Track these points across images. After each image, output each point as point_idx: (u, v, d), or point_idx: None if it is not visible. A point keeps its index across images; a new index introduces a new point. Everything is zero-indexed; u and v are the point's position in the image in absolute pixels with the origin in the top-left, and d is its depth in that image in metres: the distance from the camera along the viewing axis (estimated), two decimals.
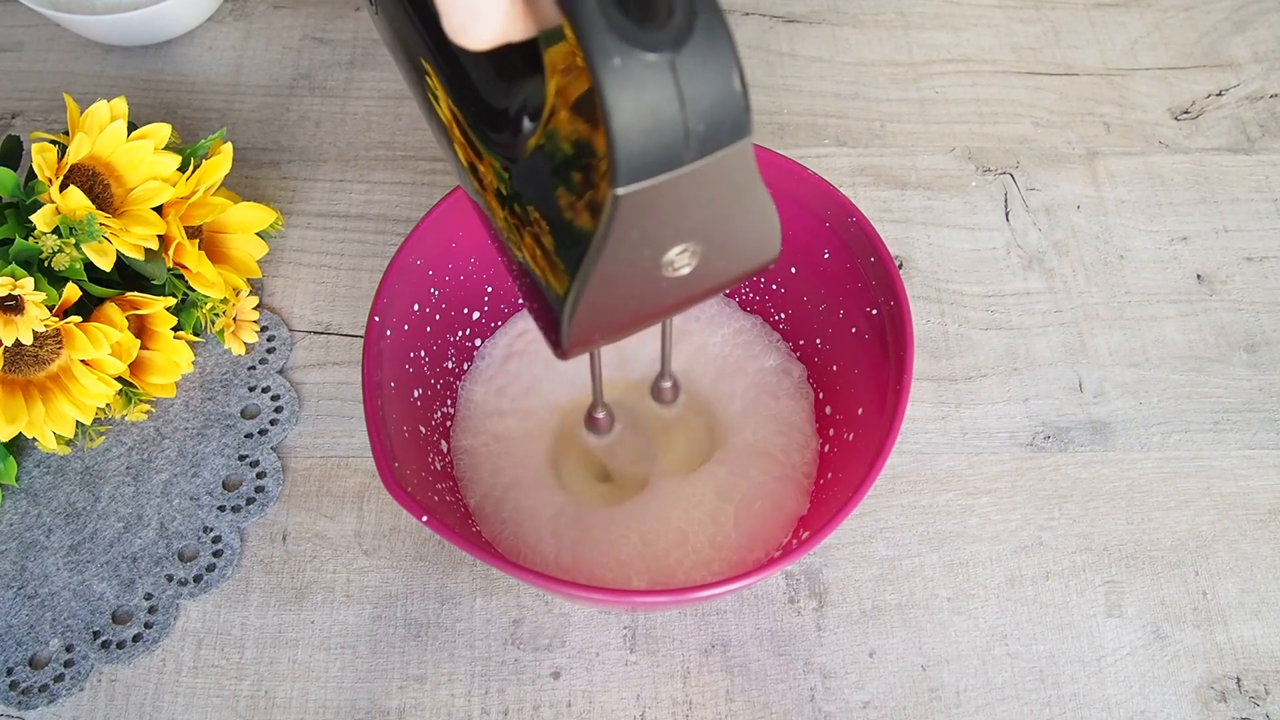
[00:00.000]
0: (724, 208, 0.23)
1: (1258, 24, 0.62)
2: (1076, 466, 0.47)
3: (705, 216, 0.23)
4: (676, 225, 0.23)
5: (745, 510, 0.44)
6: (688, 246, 0.24)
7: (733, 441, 0.45)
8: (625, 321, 0.27)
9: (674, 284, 0.25)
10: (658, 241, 0.23)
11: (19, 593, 0.43)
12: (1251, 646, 0.43)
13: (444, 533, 0.33)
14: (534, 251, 0.26)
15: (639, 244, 0.23)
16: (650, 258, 0.24)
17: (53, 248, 0.42)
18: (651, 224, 0.22)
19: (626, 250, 0.23)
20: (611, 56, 0.19)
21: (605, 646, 0.42)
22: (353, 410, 0.48)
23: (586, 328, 0.26)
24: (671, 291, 0.26)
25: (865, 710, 0.41)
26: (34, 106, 0.58)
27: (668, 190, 0.21)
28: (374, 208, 0.54)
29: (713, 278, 0.26)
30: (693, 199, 0.22)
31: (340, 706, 0.41)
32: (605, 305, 0.25)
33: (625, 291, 0.25)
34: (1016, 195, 0.55)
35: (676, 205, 0.22)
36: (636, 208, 0.21)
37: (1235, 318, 0.51)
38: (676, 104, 0.20)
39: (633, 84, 0.19)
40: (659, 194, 0.21)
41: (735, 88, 0.21)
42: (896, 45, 0.61)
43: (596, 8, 0.19)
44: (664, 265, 0.24)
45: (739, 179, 0.23)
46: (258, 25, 0.62)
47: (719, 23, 0.20)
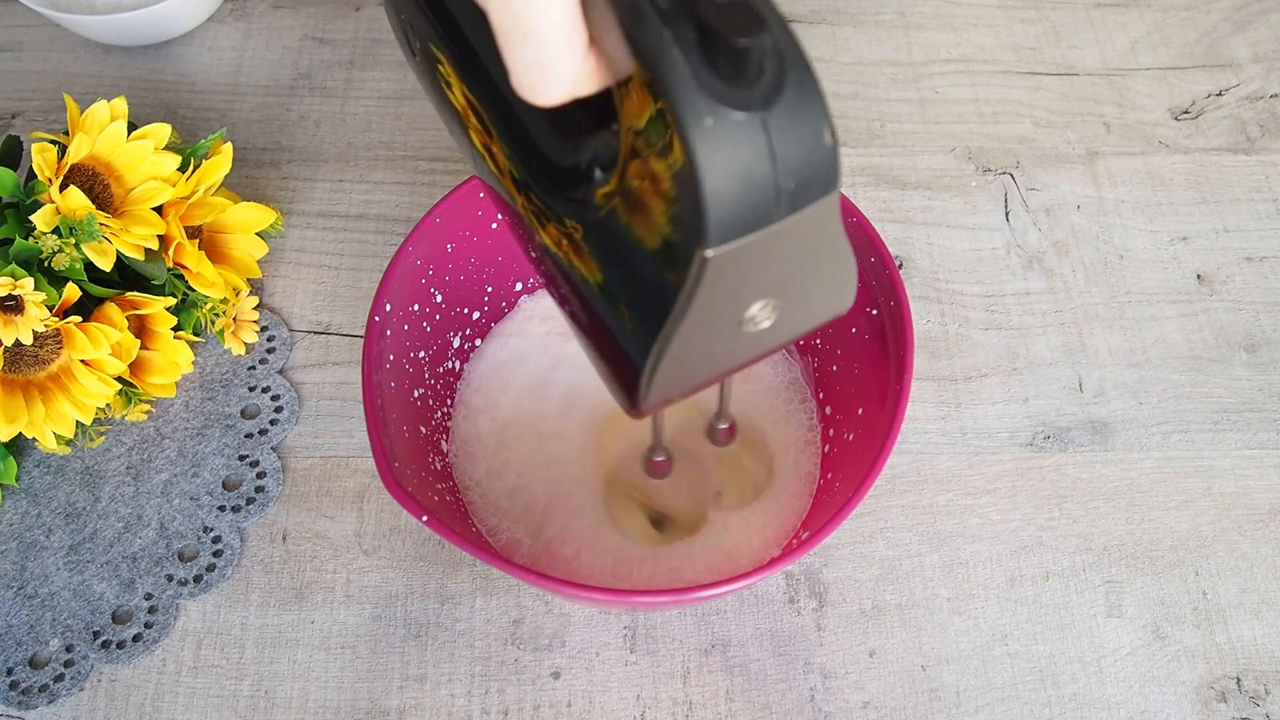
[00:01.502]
0: (807, 261, 0.23)
1: (1258, 24, 0.62)
2: (1076, 466, 0.47)
3: (789, 271, 0.23)
4: (760, 281, 0.22)
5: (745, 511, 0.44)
6: (769, 301, 0.23)
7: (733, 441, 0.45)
8: (702, 379, 0.26)
9: (751, 339, 0.24)
10: (740, 299, 0.23)
11: (19, 593, 0.43)
12: (1251, 646, 0.43)
13: (444, 533, 0.33)
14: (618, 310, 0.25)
15: (723, 303, 0.22)
16: (732, 315, 0.23)
17: (53, 248, 0.42)
18: (736, 282, 0.22)
19: (710, 310, 0.22)
20: (704, 117, 0.18)
21: (605, 646, 0.42)
22: (353, 410, 0.48)
23: (664, 387, 0.25)
24: (749, 346, 0.25)
25: (865, 710, 0.41)
26: (34, 106, 0.58)
27: (755, 249, 0.21)
28: (374, 208, 0.54)
29: (790, 330, 0.26)
30: (779, 255, 0.22)
31: (340, 706, 0.41)
32: (684, 364, 0.24)
33: (705, 349, 0.24)
34: (1016, 195, 0.55)
35: (762, 262, 0.21)
36: (723, 268, 0.21)
37: (1235, 318, 0.51)
38: (769, 163, 0.19)
39: (725, 144, 0.19)
40: (747, 253, 0.20)
41: (826, 143, 0.20)
42: (896, 45, 0.61)
43: (687, 67, 0.18)
44: (745, 321, 0.23)
45: (824, 232, 0.22)
46: (258, 25, 0.62)
47: (809, 78, 0.20)
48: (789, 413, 0.46)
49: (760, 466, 0.45)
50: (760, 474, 0.44)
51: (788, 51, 0.19)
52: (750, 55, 0.19)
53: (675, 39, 0.18)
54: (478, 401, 0.46)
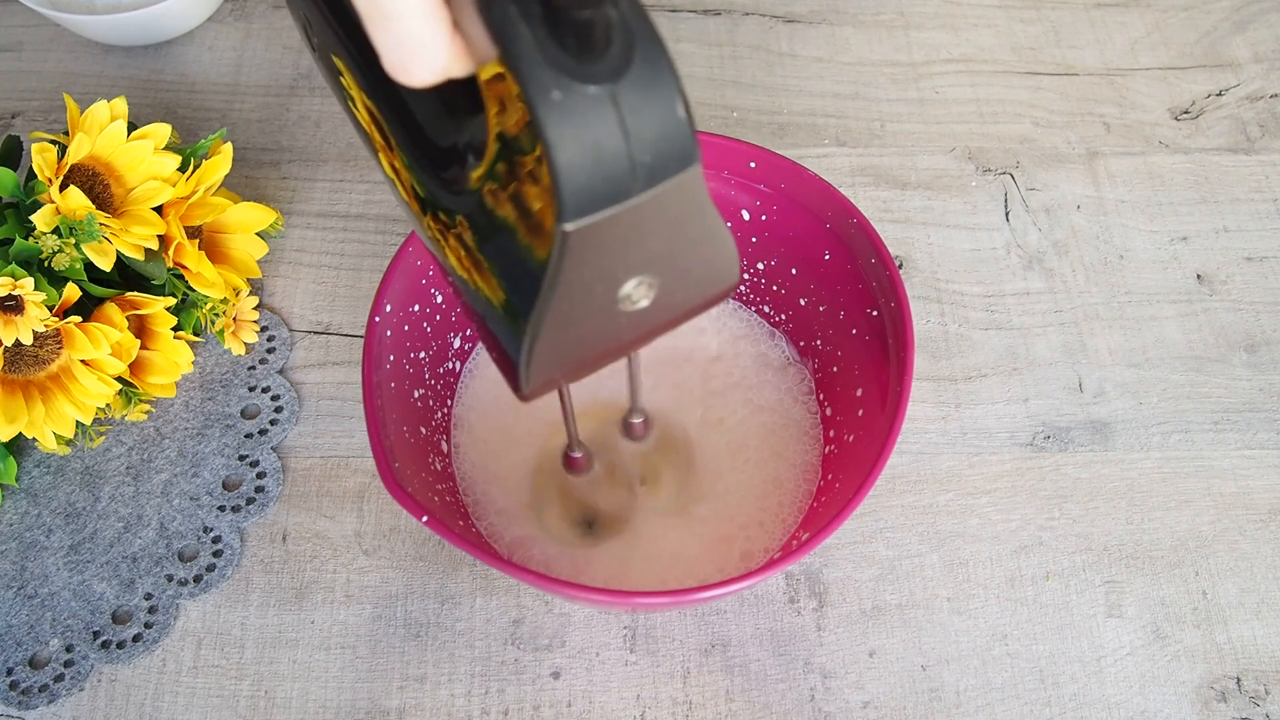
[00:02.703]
0: (677, 237, 0.23)
1: (1258, 24, 0.62)
2: (1076, 466, 0.47)
3: (658, 247, 0.23)
4: (629, 258, 0.23)
5: (745, 510, 0.44)
6: (643, 279, 0.23)
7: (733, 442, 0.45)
8: (586, 360, 0.26)
9: (632, 318, 0.25)
10: (611, 276, 0.23)
11: (19, 593, 0.43)
12: (1251, 646, 0.43)
13: (444, 533, 0.33)
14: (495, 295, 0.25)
15: (592, 280, 0.22)
16: (605, 293, 0.23)
17: (53, 248, 0.42)
18: (603, 258, 0.22)
19: (580, 287, 0.22)
20: (550, 90, 0.19)
21: (605, 646, 0.42)
22: (353, 410, 0.48)
23: (546, 369, 0.25)
24: (631, 326, 0.25)
25: (865, 710, 0.41)
26: (34, 106, 0.58)
27: (617, 223, 0.21)
28: (374, 208, 0.54)
29: (672, 309, 0.26)
30: (644, 231, 0.22)
31: (340, 706, 0.41)
32: (563, 344, 0.24)
33: (583, 329, 0.24)
34: (1016, 195, 0.55)
35: (628, 238, 0.22)
36: (586, 243, 0.21)
37: (1235, 318, 0.51)
38: (620, 136, 0.20)
39: (574, 118, 0.19)
40: (608, 228, 0.21)
41: (679, 115, 0.20)
42: (896, 45, 0.61)
43: (532, 41, 0.19)
44: (620, 299, 0.24)
45: (690, 207, 0.22)
46: (258, 25, 0.62)
47: (659, 51, 0.20)
48: (789, 413, 0.46)
49: (678, 468, 0.44)
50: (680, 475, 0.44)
51: (636, 25, 0.20)
52: (595, 28, 0.19)
53: (522, 14, 0.19)
54: (478, 402, 0.46)
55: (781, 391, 0.46)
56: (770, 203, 0.43)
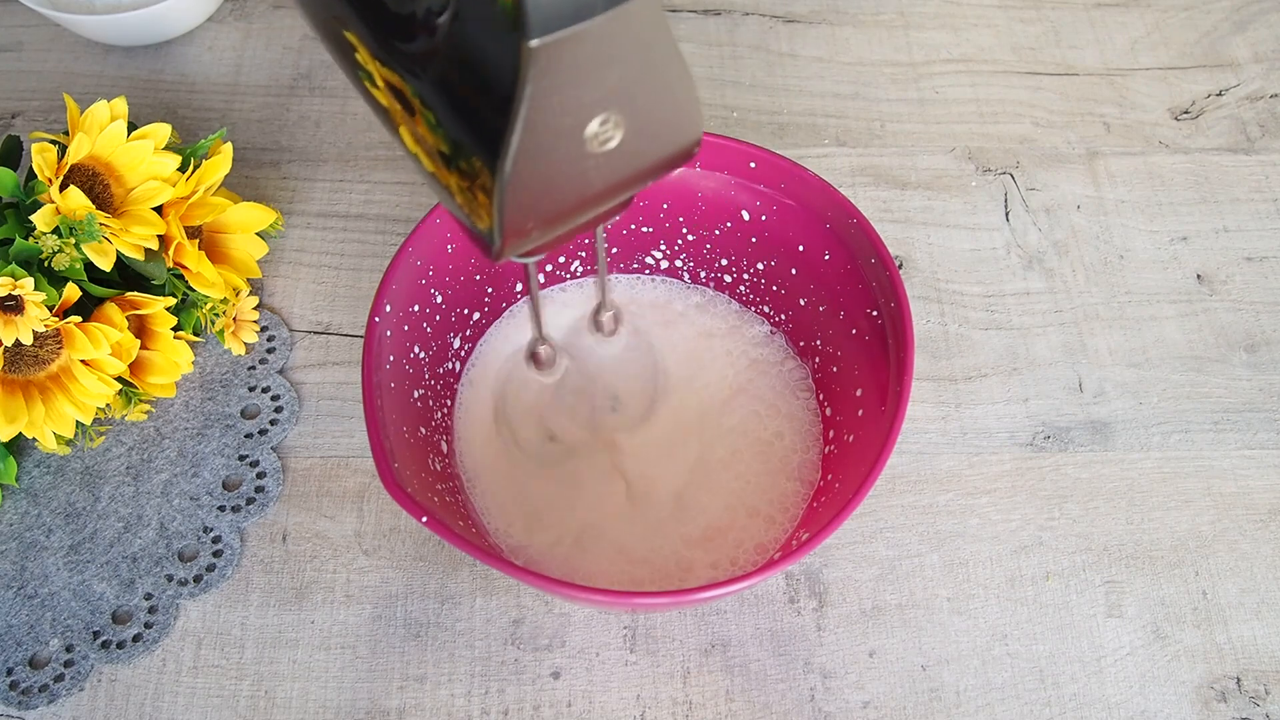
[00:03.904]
0: (641, 70, 0.23)
1: (1258, 24, 0.62)
2: (1076, 466, 0.47)
3: (623, 79, 0.23)
4: (595, 88, 0.23)
5: (746, 511, 0.44)
6: (610, 115, 0.24)
7: (733, 442, 0.45)
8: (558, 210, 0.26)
9: (601, 163, 0.25)
10: (577, 107, 0.23)
11: (19, 593, 0.43)
12: (1251, 646, 0.43)
13: (444, 533, 0.33)
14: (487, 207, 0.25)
15: (559, 110, 0.22)
16: (573, 127, 0.23)
17: (53, 248, 0.42)
18: (569, 85, 0.22)
19: (547, 116, 0.22)
20: None
21: (605, 646, 0.42)
22: (353, 410, 0.48)
23: (519, 215, 0.25)
24: (600, 173, 0.25)
25: (865, 710, 0.41)
26: (34, 106, 0.58)
27: (582, 44, 0.21)
28: (374, 208, 0.54)
29: (640, 158, 0.26)
30: (608, 56, 0.22)
31: (340, 706, 0.41)
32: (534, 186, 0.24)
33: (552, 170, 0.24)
34: (1016, 195, 0.55)
35: (592, 63, 0.22)
36: (551, 63, 0.21)
37: (1235, 318, 0.51)
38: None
39: None
40: (573, 47, 0.21)
41: None
42: (896, 45, 0.61)
43: None
44: (589, 139, 0.24)
45: (652, 35, 0.23)
46: (258, 25, 0.62)
47: None
48: (789, 414, 0.46)
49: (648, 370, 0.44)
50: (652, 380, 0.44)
51: None
52: None
53: None
54: (477, 402, 0.46)
55: (781, 392, 0.46)
56: (770, 203, 0.43)
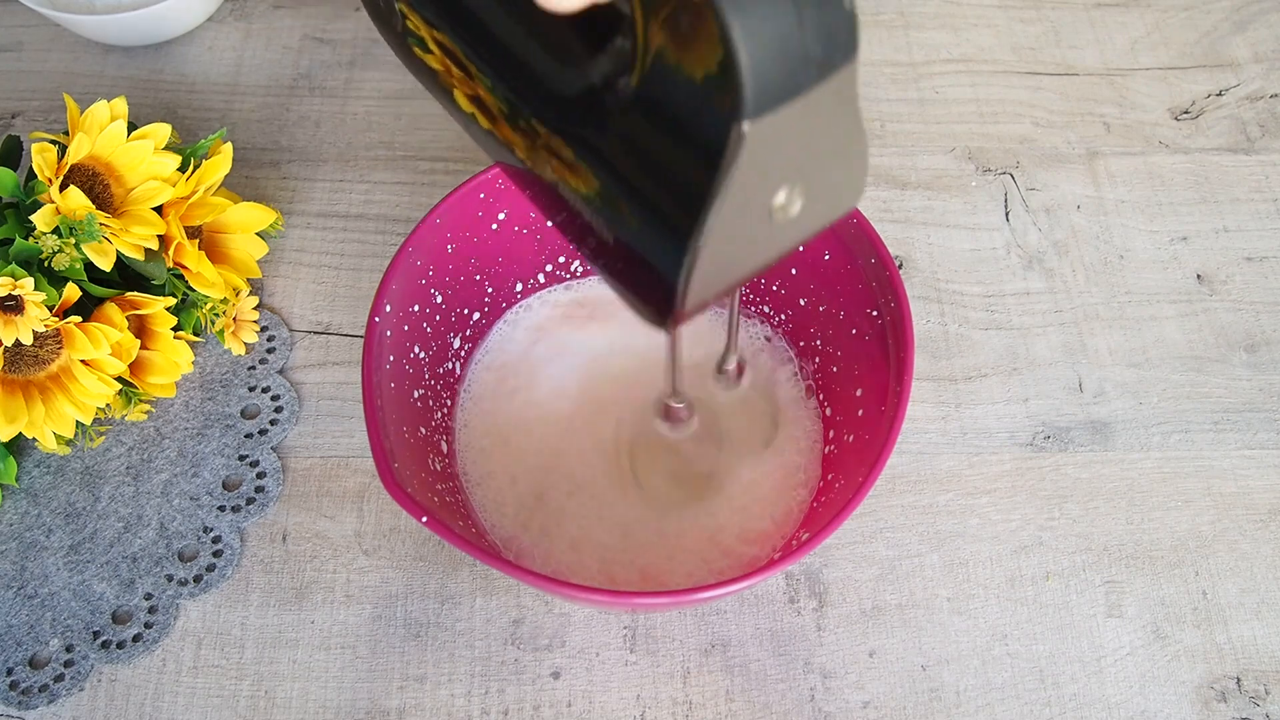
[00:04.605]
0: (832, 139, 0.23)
1: (1258, 24, 0.62)
2: (1076, 466, 0.47)
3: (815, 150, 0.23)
4: (790, 161, 0.22)
5: (745, 511, 0.44)
6: (796, 186, 0.23)
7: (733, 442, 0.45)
8: (735, 276, 0.26)
9: (780, 229, 0.24)
10: (773, 181, 0.23)
11: (19, 593, 0.43)
12: (1251, 646, 0.43)
13: (444, 533, 0.33)
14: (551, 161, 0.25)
15: (755, 186, 0.22)
16: (763, 201, 0.23)
17: (53, 248, 0.42)
18: (770, 161, 0.22)
19: (744, 193, 0.22)
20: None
21: (605, 646, 0.42)
22: (353, 410, 0.48)
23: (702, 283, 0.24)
24: (776, 239, 0.25)
25: (865, 710, 0.41)
26: (34, 106, 0.58)
27: (788, 120, 0.21)
28: (374, 208, 0.54)
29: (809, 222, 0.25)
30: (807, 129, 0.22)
31: (340, 706, 0.41)
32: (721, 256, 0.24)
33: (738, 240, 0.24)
34: (1016, 195, 0.55)
35: (792, 138, 0.22)
36: (759, 142, 0.21)
37: (1235, 318, 0.51)
38: (798, 28, 0.20)
39: (756, 11, 0.19)
40: (781, 125, 0.21)
41: (847, 6, 0.20)
42: (896, 45, 0.61)
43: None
44: (774, 210, 0.23)
45: (846, 104, 0.23)
46: (258, 25, 0.62)
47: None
48: (789, 414, 0.46)
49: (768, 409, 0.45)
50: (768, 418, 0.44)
51: None
52: None
53: None
54: (478, 402, 0.46)
55: (780, 391, 0.46)
56: None
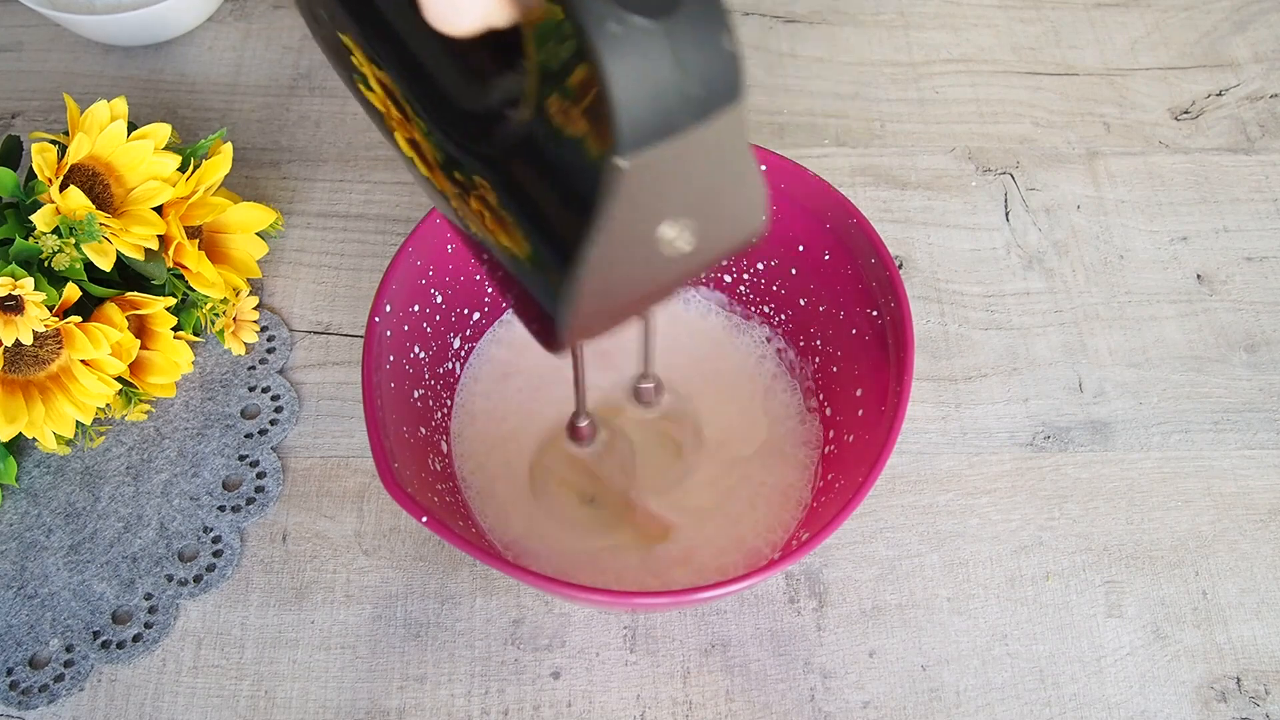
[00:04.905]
0: (718, 176, 0.23)
1: (1258, 24, 0.62)
2: (1076, 466, 0.47)
3: (701, 187, 0.23)
4: (673, 198, 0.23)
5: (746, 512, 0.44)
6: (683, 220, 0.24)
7: (732, 443, 0.45)
8: (622, 308, 0.26)
9: (669, 263, 0.25)
10: (655, 216, 0.23)
11: (19, 593, 0.43)
12: (1251, 646, 0.43)
13: (444, 533, 0.33)
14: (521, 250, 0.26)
15: (636, 221, 0.23)
16: (647, 234, 0.23)
17: (53, 248, 0.42)
18: (649, 197, 0.22)
19: (624, 228, 0.22)
20: (607, 23, 0.19)
21: (605, 646, 0.42)
22: (353, 410, 0.48)
23: (584, 316, 0.25)
24: (666, 272, 0.25)
25: (865, 710, 0.41)
26: (34, 106, 0.58)
27: (666, 159, 0.21)
28: (374, 208, 0.54)
29: (704, 254, 0.26)
30: (689, 168, 0.22)
31: (340, 706, 0.41)
32: (603, 290, 0.24)
33: (622, 274, 0.24)
34: (1016, 195, 0.55)
35: (673, 176, 0.22)
36: (636, 178, 0.21)
37: (1235, 318, 0.51)
38: (675, 69, 0.20)
39: (631, 51, 0.19)
40: (658, 163, 0.21)
41: (728, 49, 0.21)
42: (896, 45, 0.61)
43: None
44: (661, 243, 0.24)
45: (732, 145, 0.23)
46: (258, 25, 0.62)
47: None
48: (789, 413, 0.46)
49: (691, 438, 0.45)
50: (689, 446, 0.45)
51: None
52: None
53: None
54: (477, 402, 0.46)
55: (781, 391, 0.46)
56: (770, 203, 0.43)
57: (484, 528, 0.43)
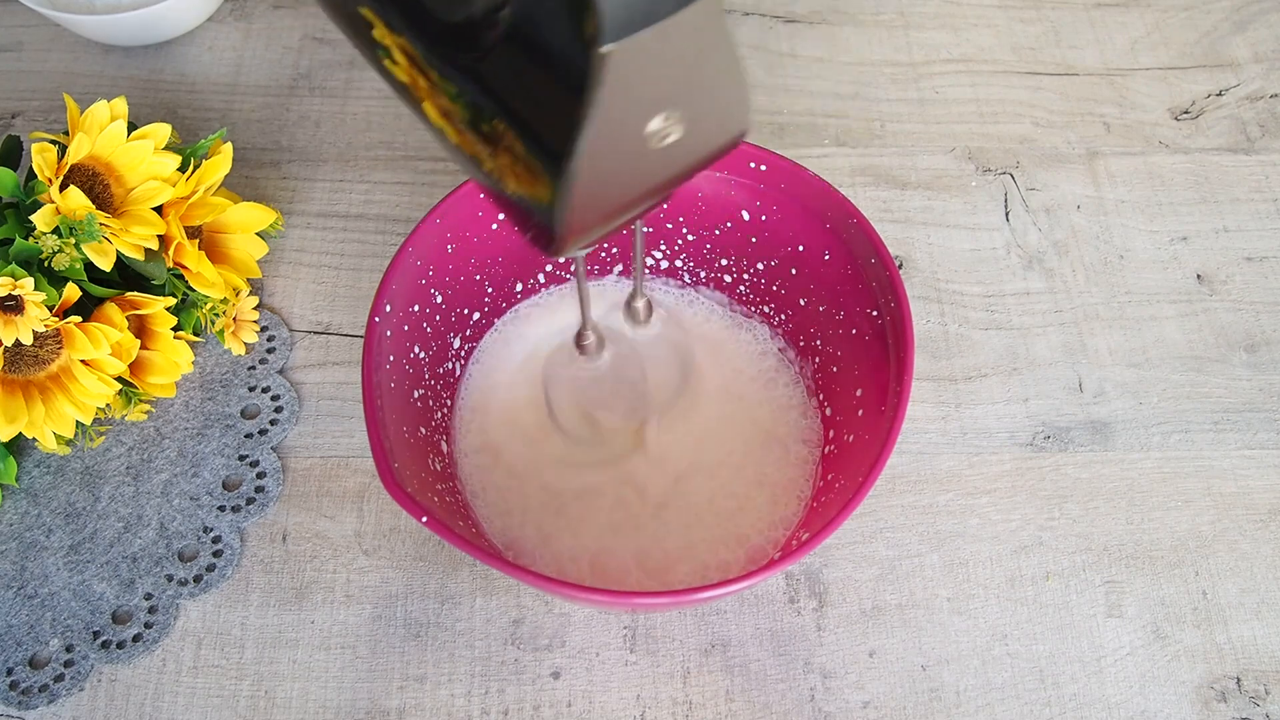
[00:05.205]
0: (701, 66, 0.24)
1: (1258, 24, 0.62)
2: (1076, 466, 0.47)
3: (685, 76, 0.24)
4: (659, 87, 0.23)
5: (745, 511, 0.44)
6: (671, 111, 0.24)
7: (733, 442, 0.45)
8: (617, 204, 0.26)
9: (660, 157, 0.25)
10: (643, 106, 0.23)
11: (19, 593, 0.43)
12: (1251, 646, 0.43)
13: (444, 533, 0.33)
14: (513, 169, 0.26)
15: (625, 110, 0.23)
16: (636, 126, 0.24)
17: (53, 248, 0.42)
18: (636, 86, 0.22)
19: (614, 118, 0.23)
20: None
21: (605, 646, 0.42)
22: (353, 410, 0.48)
23: (581, 213, 0.25)
24: (658, 167, 0.26)
25: (865, 710, 0.41)
26: (34, 106, 0.58)
27: (650, 45, 0.21)
28: (374, 208, 0.54)
29: (694, 151, 0.26)
30: (673, 55, 0.23)
31: (340, 706, 0.41)
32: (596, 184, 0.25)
33: (614, 169, 0.25)
34: (1016, 195, 0.55)
35: (658, 63, 0.22)
36: (622, 67, 0.21)
37: (1235, 318, 0.51)
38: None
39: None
40: (642, 49, 0.21)
41: None
42: (896, 45, 0.61)
43: None
44: (650, 136, 0.24)
45: (713, 32, 0.23)
46: (258, 25, 0.62)
47: None
48: (789, 413, 0.46)
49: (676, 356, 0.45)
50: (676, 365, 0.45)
51: None
52: None
53: None
54: (478, 402, 0.46)
55: (781, 391, 0.46)
56: (770, 203, 0.43)
57: (484, 528, 0.43)
